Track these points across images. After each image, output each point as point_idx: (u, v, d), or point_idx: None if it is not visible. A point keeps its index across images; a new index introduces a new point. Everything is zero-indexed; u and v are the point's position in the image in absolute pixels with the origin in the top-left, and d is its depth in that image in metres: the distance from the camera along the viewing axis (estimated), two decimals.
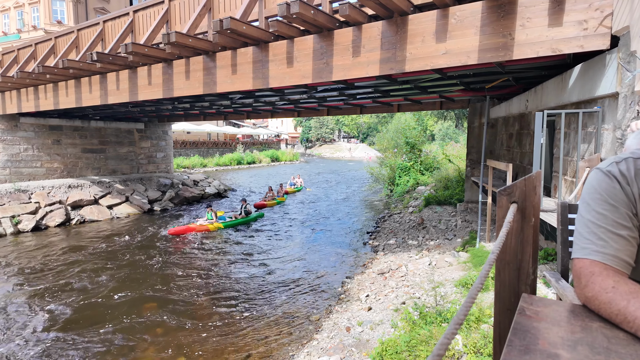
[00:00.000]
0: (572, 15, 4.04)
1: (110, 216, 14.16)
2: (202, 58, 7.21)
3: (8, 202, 12.33)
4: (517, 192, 1.10)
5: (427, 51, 4.95)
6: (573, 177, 4.85)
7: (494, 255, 0.86)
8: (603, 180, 1.00)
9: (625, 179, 0.97)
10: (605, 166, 1.02)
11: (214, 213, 12.29)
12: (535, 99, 6.38)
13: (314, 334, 5.52)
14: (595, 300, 0.89)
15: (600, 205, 0.98)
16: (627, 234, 0.95)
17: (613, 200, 0.97)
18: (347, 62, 5.58)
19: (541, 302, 0.95)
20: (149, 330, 5.81)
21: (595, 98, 4.29)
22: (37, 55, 11.31)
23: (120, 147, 17.31)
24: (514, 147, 8.26)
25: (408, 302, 5.53)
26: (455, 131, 31.72)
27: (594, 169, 1.04)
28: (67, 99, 10.34)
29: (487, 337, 3.74)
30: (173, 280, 7.89)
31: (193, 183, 19.35)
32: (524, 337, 0.77)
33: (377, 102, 11.42)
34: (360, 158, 53.13)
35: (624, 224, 0.95)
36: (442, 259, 7.17)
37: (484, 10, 4.53)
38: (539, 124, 4.47)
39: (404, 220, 11.90)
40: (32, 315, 6.31)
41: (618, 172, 0.98)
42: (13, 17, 31.99)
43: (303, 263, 9.04)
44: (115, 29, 8.95)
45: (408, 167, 17.82)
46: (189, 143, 36.43)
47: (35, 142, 14.41)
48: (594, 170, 1.04)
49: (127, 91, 8.71)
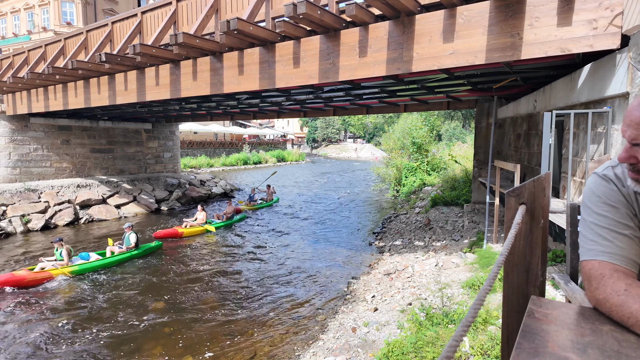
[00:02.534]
0: (582, 14, 3.99)
1: (118, 215, 14.28)
2: (209, 59, 7.24)
3: (18, 201, 12.50)
4: (526, 193, 1.09)
5: (434, 51, 4.93)
6: (582, 178, 4.80)
7: (503, 257, 0.86)
8: (600, 184, 1.02)
9: (621, 182, 1.00)
10: (601, 170, 1.05)
11: (66, 250, 8.18)
12: (544, 99, 6.32)
13: (319, 334, 5.52)
14: (607, 303, 0.89)
15: (600, 207, 1.00)
16: (630, 233, 0.97)
17: (612, 201, 0.99)
18: (354, 62, 5.57)
19: (550, 305, 0.94)
20: (156, 330, 5.85)
21: (605, 98, 4.24)
22: (47, 56, 11.45)
23: (128, 147, 17.46)
24: (521, 147, 8.19)
25: (414, 303, 5.51)
26: (462, 131, 31.54)
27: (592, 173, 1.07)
28: (76, 100, 10.46)
29: (495, 339, 3.71)
30: (179, 280, 7.93)
31: (200, 183, 19.45)
32: (533, 339, 0.76)
33: (383, 102, 11.39)
34: (367, 158, 53.07)
35: (626, 224, 0.97)
36: (448, 260, 7.14)
37: (491, 10, 4.50)
38: (548, 125, 4.43)
39: (411, 221, 11.86)
40: (37, 313, 6.38)
41: (614, 175, 1.01)
42: (23, 18, 32.41)
43: (308, 263, 9.04)
44: (123, 30, 9.03)
45: (414, 168, 17.75)
46: (196, 143, 36.63)
47: (45, 142, 14.58)
48: (592, 175, 1.07)
49: (135, 92, 8.78)
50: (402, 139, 19.25)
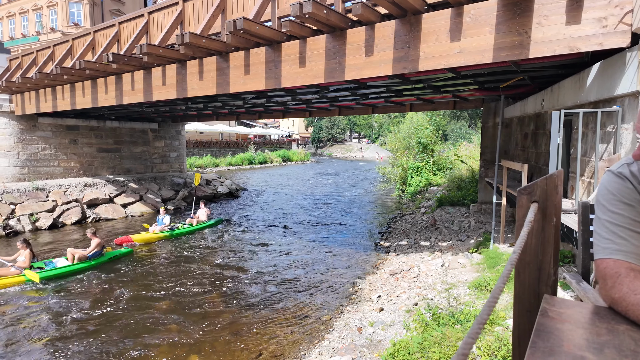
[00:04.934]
0: (591, 12, 3.95)
1: (125, 215, 14.38)
2: (215, 58, 7.26)
3: (27, 200, 12.63)
4: (538, 191, 1.08)
5: (440, 50, 4.91)
6: (591, 177, 4.75)
7: (516, 255, 0.85)
8: (615, 182, 1.00)
9: (637, 179, 0.98)
10: (616, 168, 1.03)
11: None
12: (552, 98, 6.27)
13: (325, 334, 5.51)
14: (623, 302, 0.87)
15: (616, 205, 0.98)
16: None
17: (627, 199, 0.97)
18: (360, 61, 5.56)
19: (564, 304, 0.93)
20: (162, 329, 5.88)
21: (615, 97, 4.19)
22: (55, 57, 11.56)
23: (134, 147, 17.58)
24: (529, 147, 8.12)
25: (420, 303, 5.49)
26: (469, 131, 31.36)
27: (606, 171, 1.05)
28: (83, 100, 10.54)
29: (502, 339, 3.68)
30: (185, 279, 7.97)
31: (205, 182, 19.53)
32: (548, 338, 0.75)
33: (389, 101, 11.36)
34: (372, 158, 52.96)
35: None
36: (455, 260, 7.10)
37: (499, 8, 4.46)
38: (556, 124, 4.39)
39: (416, 221, 11.81)
40: (44, 313, 6.44)
41: (629, 173, 0.99)
42: (32, 19, 32.76)
43: (314, 263, 9.04)
44: (130, 30, 9.09)
45: (420, 167, 17.69)
46: (202, 143, 36.81)
47: (53, 142, 14.72)
48: (606, 173, 1.05)
49: (141, 91, 8.83)
50: (407, 139, 19.18)
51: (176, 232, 11.37)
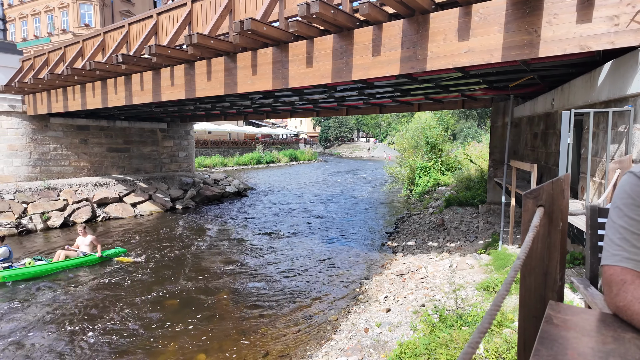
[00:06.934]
0: (602, 10, 3.89)
1: (134, 214, 14.53)
2: (223, 59, 7.30)
3: (38, 199, 12.83)
4: (544, 195, 1.06)
5: (449, 49, 4.87)
6: (601, 178, 4.67)
7: (520, 260, 0.84)
8: (636, 184, 0.94)
9: None
10: (638, 169, 0.96)
11: None
12: (562, 98, 6.18)
13: (331, 334, 5.51)
14: (628, 310, 0.85)
15: (634, 210, 0.93)
16: None
17: None
18: (367, 61, 5.54)
19: (569, 310, 0.91)
20: (170, 327, 5.93)
21: (627, 96, 4.12)
22: (66, 58, 11.72)
23: (143, 147, 17.75)
24: (538, 147, 8.02)
25: (428, 304, 5.46)
26: (478, 131, 31.11)
27: (627, 172, 0.99)
28: (93, 100, 10.68)
29: (510, 342, 3.65)
30: (194, 278, 8.03)
31: (214, 182, 19.65)
32: (552, 346, 0.74)
33: (397, 101, 11.31)
34: (379, 157, 52.81)
35: None
36: (463, 261, 7.04)
37: (508, 7, 4.42)
38: (566, 124, 4.33)
39: (424, 221, 11.75)
40: (53, 309, 6.53)
41: None
42: (44, 21, 33.26)
43: (320, 262, 9.04)
44: (139, 31, 9.18)
45: (428, 167, 17.58)
46: (210, 142, 37.04)
47: (64, 142, 14.93)
48: (627, 174, 0.98)
49: (150, 92, 8.92)
50: (415, 138, 19.08)
51: (10, 275, 7.28)
